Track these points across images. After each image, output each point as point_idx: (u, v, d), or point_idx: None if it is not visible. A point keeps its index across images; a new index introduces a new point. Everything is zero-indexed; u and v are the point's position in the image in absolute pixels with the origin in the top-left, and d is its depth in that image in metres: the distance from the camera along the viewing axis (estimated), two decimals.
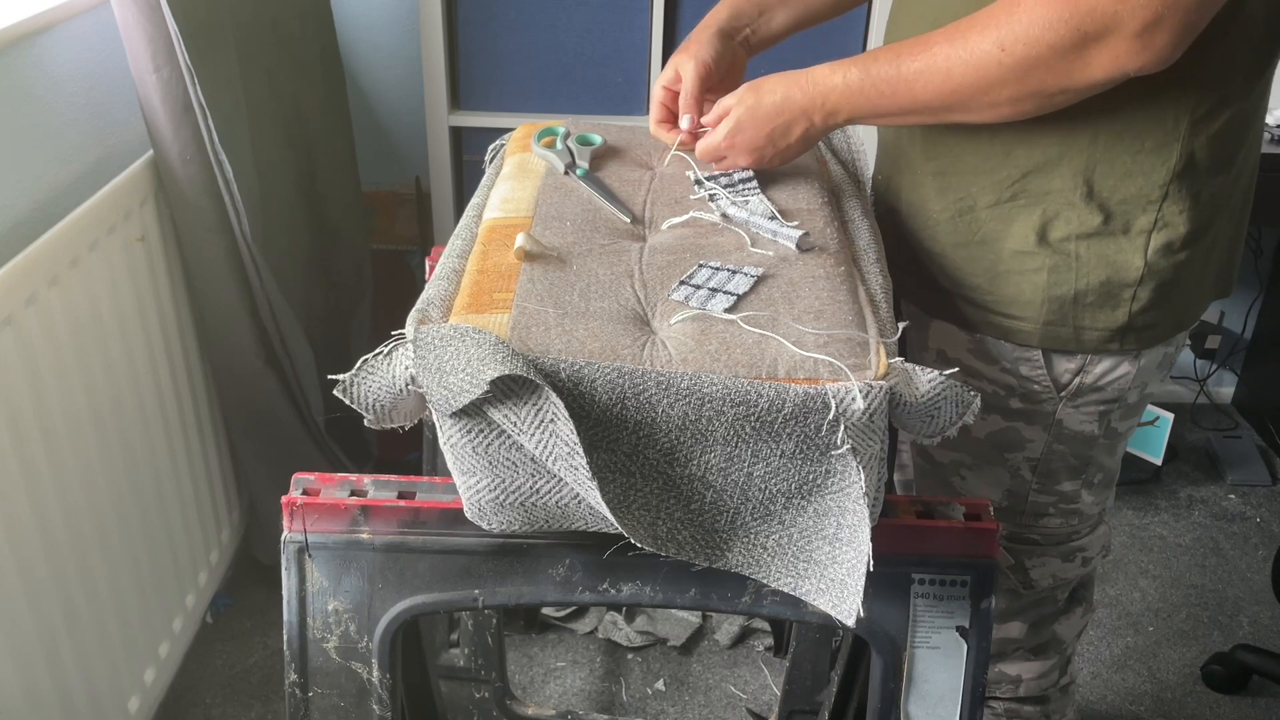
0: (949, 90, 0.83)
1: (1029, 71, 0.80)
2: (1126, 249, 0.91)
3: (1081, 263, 0.92)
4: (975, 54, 0.81)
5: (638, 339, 0.74)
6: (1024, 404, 1.00)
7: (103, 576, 1.35)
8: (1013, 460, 1.03)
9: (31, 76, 1.28)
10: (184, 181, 1.45)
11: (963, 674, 0.83)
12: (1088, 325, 0.94)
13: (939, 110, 0.86)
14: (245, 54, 1.53)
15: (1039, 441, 1.01)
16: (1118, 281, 0.92)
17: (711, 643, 1.84)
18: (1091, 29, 0.76)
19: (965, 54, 0.81)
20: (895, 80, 0.85)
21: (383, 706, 0.84)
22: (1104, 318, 0.94)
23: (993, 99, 0.83)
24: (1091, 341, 0.95)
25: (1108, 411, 1.00)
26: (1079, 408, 0.99)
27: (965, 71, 0.82)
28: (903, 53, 0.85)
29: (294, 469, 0.84)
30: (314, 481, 0.82)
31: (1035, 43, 0.78)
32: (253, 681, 1.71)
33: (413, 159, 2.10)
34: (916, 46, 0.85)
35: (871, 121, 0.92)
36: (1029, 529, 1.08)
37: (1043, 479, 1.04)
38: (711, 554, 0.74)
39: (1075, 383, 0.98)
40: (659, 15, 1.79)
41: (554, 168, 1.00)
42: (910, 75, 0.85)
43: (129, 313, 1.40)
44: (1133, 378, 0.98)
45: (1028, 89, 0.81)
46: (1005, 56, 0.79)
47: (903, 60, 0.85)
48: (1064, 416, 1.00)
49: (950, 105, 0.85)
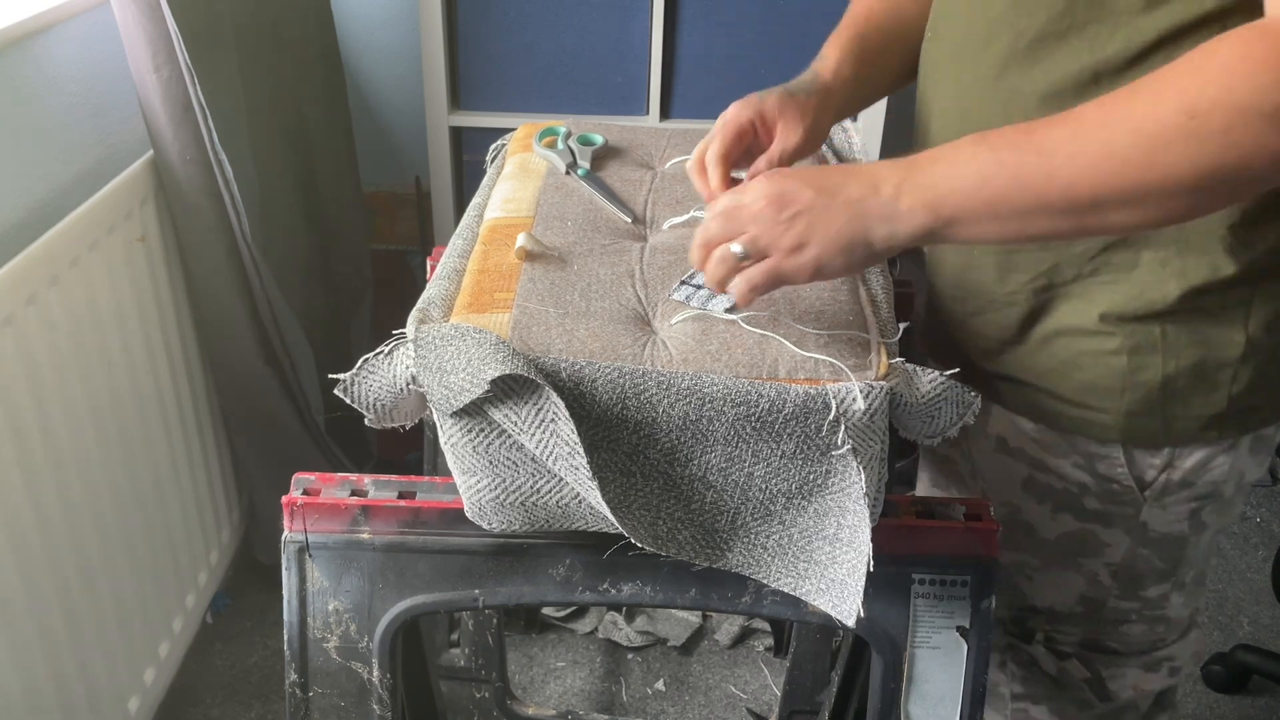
0: (1109, 174, 0.62)
1: (1230, 148, 0.59)
2: (1225, 323, 0.77)
3: (1170, 342, 0.78)
4: (1150, 124, 0.60)
5: (638, 339, 0.74)
6: (1101, 504, 0.86)
7: (103, 576, 1.35)
8: (1089, 565, 0.89)
9: (31, 76, 1.28)
10: (184, 181, 1.45)
11: (963, 674, 0.83)
12: (1178, 414, 0.80)
13: (1087, 208, 0.63)
14: (245, 54, 1.53)
15: (1119, 545, 0.87)
16: (1214, 361, 0.78)
17: (711, 643, 1.84)
18: None
19: (1135, 125, 0.61)
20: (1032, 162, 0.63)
21: (383, 706, 0.84)
22: (1198, 404, 0.79)
23: (1169, 185, 0.61)
24: (1183, 432, 0.80)
25: (1200, 509, 0.86)
26: (1167, 507, 0.85)
27: (1134, 144, 0.61)
28: (1033, 129, 0.64)
29: (294, 469, 0.84)
30: (314, 481, 0.82)
31: (1242, 111, 0.59)
32: (253, 681, 1.70)
33: (413, 159, 2.10)
34: (1051, 121, 0.64)
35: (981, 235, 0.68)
36: (1107, 636, 0.93)
37: (1125, 585, 0.89)
38: (712, 554, 0.74)
39: (1162, 479, 0.83)
40: (659, 15, 1.79)
41: (555, 168, 1.00)
42: (1050, 149, 0.63)
43: (129, 313, 1.40)
44: (1228, 468, 0.84)
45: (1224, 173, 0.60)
46: (1197, 126, 0.59)
47: (1036, 134, 0.64)
48: (1149, 518, 0.85)
49: (1104, 199, 0.63)
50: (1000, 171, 0.64)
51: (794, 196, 0.68)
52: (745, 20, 1.82)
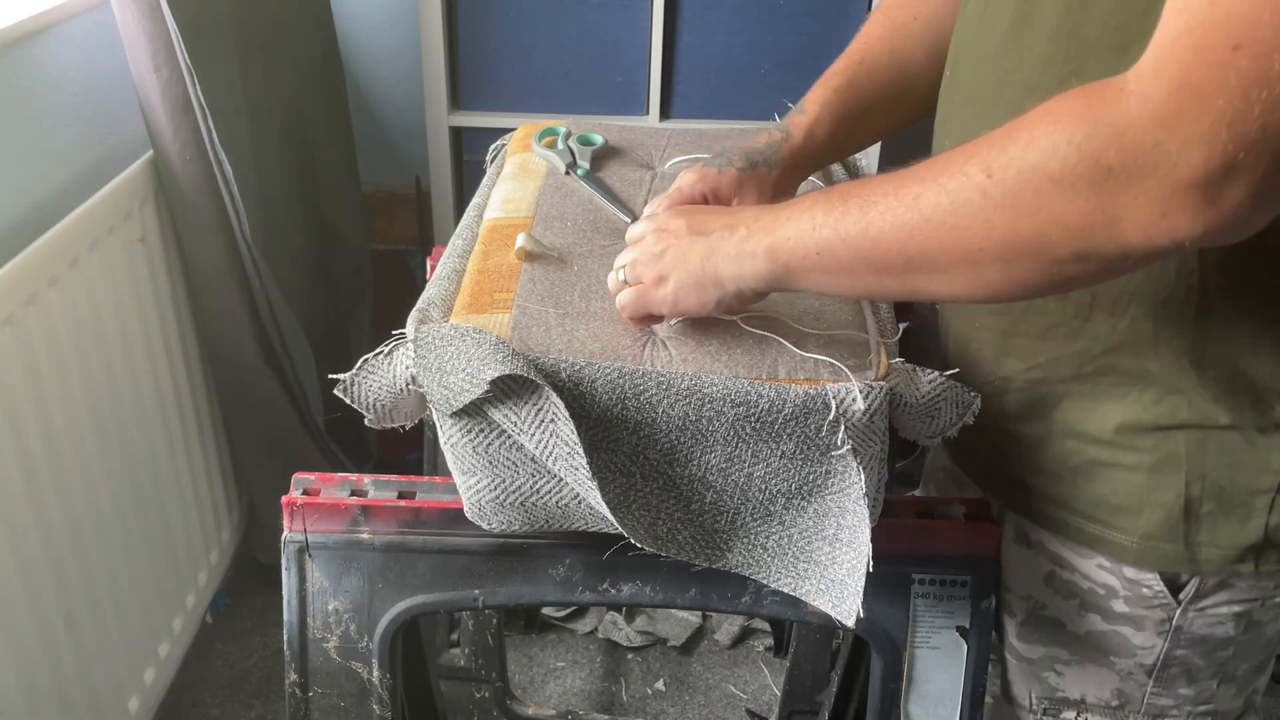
0: (912, 231, 0.57)
1: (1022, 215, 0.53)
2: (1259, 444, 0.69)
3: (1194, 462, 0.69)
4: (954, 182, 0.56)
5: (638, 339, 0.74)
6: (1131, 608, 0.76)
7: (103, 576, 1.35)
8: (1122, 665, 0.79)
9: (31, 76, 1.28)
10: (184, 181, 1.45)
11: (963, 674, 0.83)
12: (1204, 542, 0.71)
13: (899, 269, 0.59)
14: (245, 54, 1.53)
15: (1154, 648, 0.77)
16: (1246, 487, 0.69)
17: (711, 643, 1.84)
18: (1119, 164, 0.50)
19: (942, 181, 0.56)
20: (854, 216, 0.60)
21: (383, 706, 0.84)
22: (1228, 533, 0.71)
23: (972, 251, 0.56)
24: (1211, 562, 0.72)
25: (1248, 611, 0.75)
26: (1206, 611, 0.75)
27: (936, 203, 0.56)
28: (870, 182, 0.61)
29: (294, 469, 0.84)
30: (314, 481, 0.82)
31: (1032, 171, 0.52)
32: (253, 681, 1.70)
33: (413, 159, 2.10)
34: (891, 175, 0.60)
35: (819, 287, 0.67)
36: None
37: (1163, 684, 0.80)
38: (711, 554, 0.74)
39: (1195, 583, 0.74)
40: (659, 15, 1.79)
41: (555, 168, 1.00)
42: (871, 202, 0.60)
43: (129, 312, 1.40)
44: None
45: (1022, 244, 0.54)
46: (991, 186, 0.54)
47: (869, 186, 0.61)
48: (1185, 623, 0.76)
49: (912, 259, 0.58)
50: (827, 222, 0.62)
51: (671, 230, 0.71)
52: (745, 20, 1.82)
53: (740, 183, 0.80)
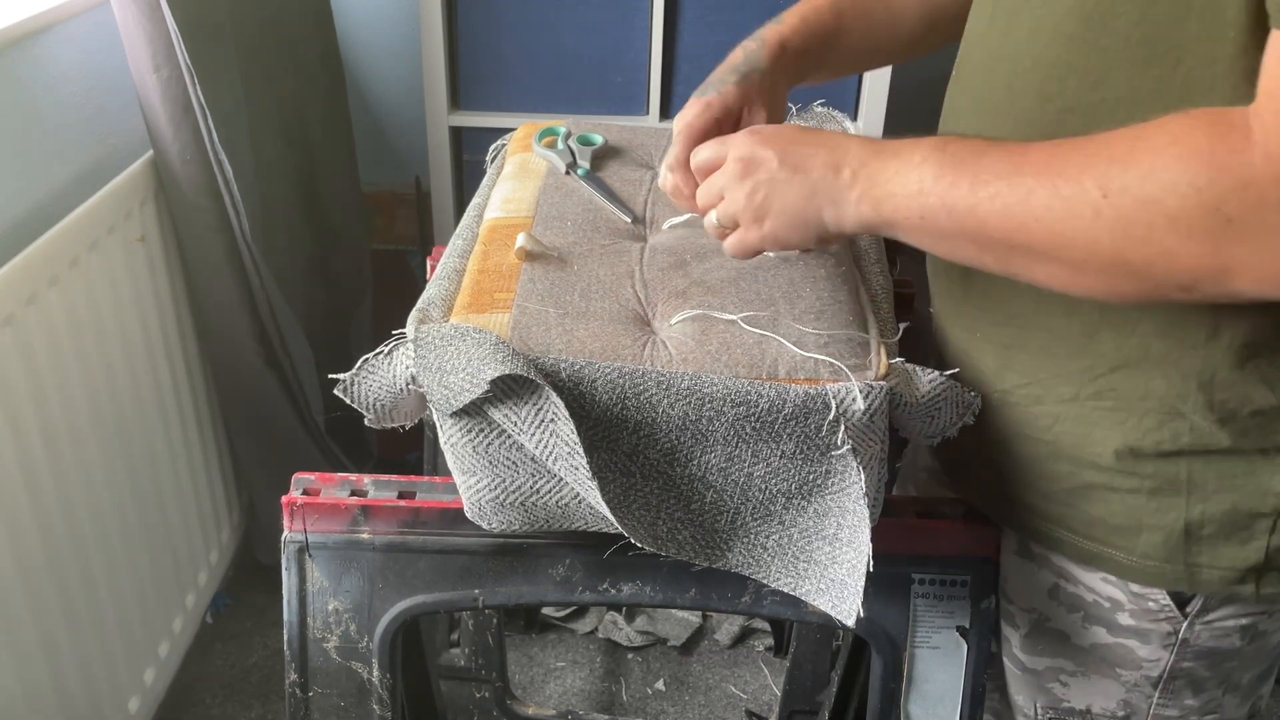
0: (1020, 224, 0.58)
1: (1134, 243, 0.54)
2: (1261, 468, 0.68)
3: (1196, 486, 0.69)
4: (1069, 189, 0.56)
5: (638, 339, 0.74)
6: (1136, 621, 0.76)
7: (102, 576, 1.35)
8: (1128, 677, 0.80)
9: (31, 76, 1.28)
10: (184, 181, 1.45)
11: (963, 674, 0.83)
12: (1205, 563, 0.71)
13: (1003, 251, 0.60)
14: (245, 54, 1.53)
15: (1160, 661, 0.78)
16: (1249, 511, 0.69)
17: (711, 643, 1.84)
18: (1239, 217, 0.50)
19: (1057, 185, 0.56)
20: (964, 188, 0.60)
21: (383, 706, 0.84)
22: (1229, 555, 0.70)
23: (1076, 259, 0.57)
24: (1212, 582, 0.72)
25: (1255, 623, 0.75)
26: (1211, 623, 0.75)
27: (1048, 206, 0.56)
28: (987, 149, 0.61)
29: (294, 469, 0.84)
30: (314, 481, 0.82)
31: (1148, 204, 0.53)
32: (253, 681, 1.70)
33: (413, 159, 2.10)
34: (1007, 148, 0.60)
35: (920, 244, 0.66)
36: None
37: (1169, 695, 0.81)
38: (711, 554, 0.74)
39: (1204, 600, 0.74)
40: (659, 15, 1.79)
41: (555, 168, 1.00)
42: (985, 179, 0.59)
43: (129, 312, 1.40)
44: None
45: (1128, 267, 0.55)
46: (1106, 207, 0.54)
47: (985, 156, 0.60)
48: (1191, 635, 0.76)
49: (1017, 246, 0.59)
50: (935, 189, 0.61)
51: (761, 163, 0.69)
52: (745, 20, 1.80)
53: (743, 95, 0.80)
